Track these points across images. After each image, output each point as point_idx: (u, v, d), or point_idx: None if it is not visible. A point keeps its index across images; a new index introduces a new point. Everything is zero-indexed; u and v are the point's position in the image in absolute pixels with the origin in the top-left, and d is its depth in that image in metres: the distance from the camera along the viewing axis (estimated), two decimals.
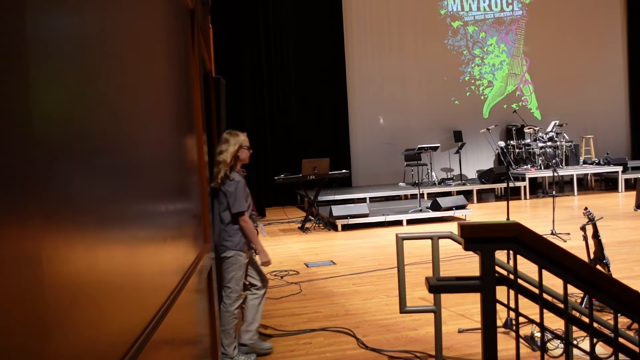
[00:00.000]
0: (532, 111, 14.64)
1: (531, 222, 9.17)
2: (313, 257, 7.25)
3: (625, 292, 2.14)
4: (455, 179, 13.03)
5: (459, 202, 9.40)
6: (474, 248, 2.13)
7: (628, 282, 5.26)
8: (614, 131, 15.07)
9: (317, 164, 9.35)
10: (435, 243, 3.30)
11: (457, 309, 4.83)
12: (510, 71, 14.59)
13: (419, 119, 13.60)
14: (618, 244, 7.05)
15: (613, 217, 8.99)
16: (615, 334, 2.14)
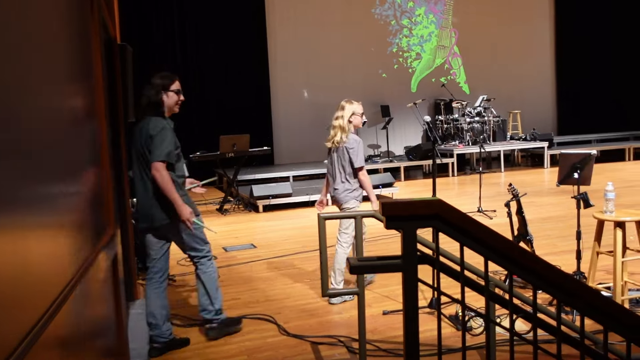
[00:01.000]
0: (460, 85, 15.13)
1: (458, 199, 9.54)
2: (232, 241, 7.21)
3: (545, 268, 2.27)
4: (382, 155, 13.29)
5: (385, 180, 9.61)
6: (395, 226, 2.18)
7: (551, 258, 5.62)
8: (540, 106, 15.86)
9: (237, 140, 9.25)
10: (359, 222, 3.35)
11: (381, 290, 4.96)
12: (439, 43, 14.97)
13: (345, 93, 13.68)
14: (542, 220, 7.47)
15: (538, 194, 9.50)
16: (534, 309, 2.27)
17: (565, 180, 4.42)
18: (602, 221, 4.11)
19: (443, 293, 2.34)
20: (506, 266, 2.25)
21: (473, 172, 12.58)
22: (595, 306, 2.25)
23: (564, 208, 7.91)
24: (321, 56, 13.57)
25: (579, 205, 4.34)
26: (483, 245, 2.23)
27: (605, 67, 15.99)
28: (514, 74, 15.34)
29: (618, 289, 3.91)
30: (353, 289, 3.39)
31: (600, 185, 4.34)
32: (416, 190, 10.62)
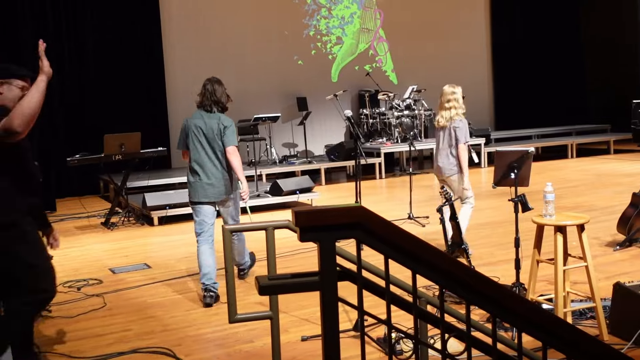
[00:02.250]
0: (387, 74, 15.48)
1: (387, 205, 9.76)
2: (121, 261, 7.06)
3: (478, 281, 2.37)
4: (299, 156, 13.38)
5: (303, 185, 9.69)
6: (311, 238, 2.20)
7: (489, 269, 5.87)
8: (476, 98, 16.44)
9: (125, 140, 9.05)
10: (271, 235, 3.37)
11: (300, 312, 5.00)
12: (362, 26, 15.25)
13: (255, 83, 13.71)
14: (479, 226, 7.77)
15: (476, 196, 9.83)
16: (467, 327, 2.37)
17: (502, 181, 4.63)
18: (541, 226, 4.34)
19: (367, 313, 2.39)
20: (436, 280, 2.33)
21: (403, 174, 12.90)
22: (533, 321, 2.37)
23: (503, 212, 8.25)
24: (225, 41, 13.50)
25: (516, 209, 4.55)
26: (410, 258, 2.29)
27: (546, 55, 16.84)
28: (446, 62, 15.84)
29: (560, 301, 4.13)
30: (265, 312, 3.40)
31: (541, 185, 4.57)
32: (339, 196, 10.77)
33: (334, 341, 2.23)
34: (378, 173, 12.66)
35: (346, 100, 14.44)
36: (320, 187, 11.60)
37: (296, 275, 2.36)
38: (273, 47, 13.98)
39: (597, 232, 7.11)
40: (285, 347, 4.34)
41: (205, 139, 5.50)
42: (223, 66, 13.43)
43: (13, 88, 3.77)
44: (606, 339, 4.13)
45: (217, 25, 13.46)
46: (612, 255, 6.24)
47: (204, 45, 13.30)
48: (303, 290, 2.31)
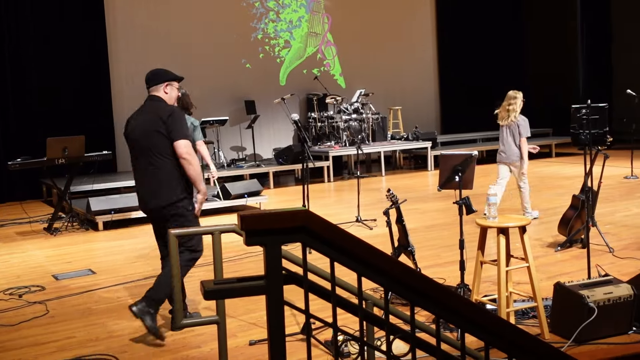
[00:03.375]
0: (335, 78, 15.57)
1: (335, 208, 9.81)
2: (64, 267, 6.92)
3: (422, 282, 2.41)
4: (248, 159, 13.34)
5: (251, 188, 9.66)
6: (256, 242, 2.21)
7: (435, 270, 5.95)
8: (423, 102, 16.71)
9: (68, 143, 8.87)
10: (217, 239, 3.35)
11: (248, 316, 4.98)
12: (310, 30, 15.30)
13: (203, 86, 13.60)
14: (426, 228, 7.88)
15: (421, 199, 10.00)
16: (412, 328, 2.40)
17: (447, 184, 4.71)
18: (485, 228, 4.42)
19: (313, 316, 2.40)
20: (381, 282, 2.36)
21: (351, 177, 12.98)
22: (476, 322, 2.42)
23: (449, 214, 8.38)
24: (172, 44, 13.36)
25: (461, 212, 4.63)
26: (355, 260, 2.31)
27: (490, 61, 17.18)
28: (393, 66, 16.03)
29: (503, 301, 4.22)
30: (211, 317, 3.37)
31: (485, 188, 4.65)
32: (287, 199, 10.77)
33: (279, 345, 2.23)
34: (326, 176, 12.71)
35: (294, 103, 14.46)
36: (268, 190, 11.59)
37: (242, 280, 2.35)
38: (221, 51, 13.90)
39: (539, 233, 7.29)
40: (233, 351, 4.32)
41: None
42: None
43: (174, 89, 4.78)
44: (547, 338, 4.24)
45: (164, 28, 13.31)
46: (554, 255, 6.40)
47: (151, 49, 13.13)
48: (248, 294, 2.30)
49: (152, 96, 4.73)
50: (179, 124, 4.55)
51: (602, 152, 6.39)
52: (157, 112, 4.57)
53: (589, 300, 4.09)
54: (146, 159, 4.60)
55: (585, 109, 5.24)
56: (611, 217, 8.00)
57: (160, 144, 4.53)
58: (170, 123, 4.50)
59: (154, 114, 4.57)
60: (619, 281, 4.40)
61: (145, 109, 4.74)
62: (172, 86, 4.74)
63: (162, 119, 4.50)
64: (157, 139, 4.53)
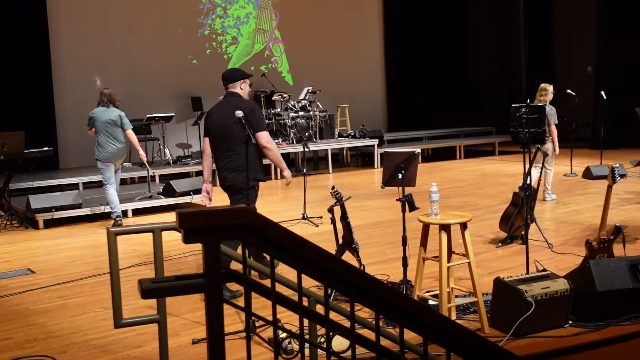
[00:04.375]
0: (283, 75, 15.55)
1: (282, 205, 9.81)
2: (3, 266, 6.75)
3: (362, 279, 2.43)
4: (194, 156, 13.19)
5: (198, 186, 9.55)
6: (195, 240, 2.18)
7: (379, 267, 6.01)
8: (370, 100, 16.83)
9: (7, 139, 8.67)
10: (158, 237, 3.30)
11: (192, 315, 4.94)
12: (258, 26, 15.24)
13: (148, 82, 13.41)
14: (371, 225, 7.94)
15: (367, 196, 10.08)
16: (351, 324, 2.42)
17: (390, 181, 4.75)
18: (427, 225, 4.49)
19: (253, 314, 2.39)
20: (321, 279, 2.36)
21: (298, 174, 12.98)
22: (414, 317, 2.45)
23: (392, 212, 8.47)
24: (117, 38, 13.13)
25: (404, 209, 4.69)
26: (295, 257, 2.32)
27: (436, 59, 17.43)
28: (341, 64, 16.10)
29: (444, 297, 4.29)
30: (152, 316, 3.32)
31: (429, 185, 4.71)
32: None
33: (218, 344, 2.22)
34: (274, 174, 12.68)
35: None
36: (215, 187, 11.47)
37: (180, 278, 2.33)
38: (166, 46, 13.71)
39: (481, 230, 7.43)
40: (175, 350, 4.28)
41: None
42: (115, 64, 13.07)
43: (247, 85, 5.54)
44: (487, 332, 4.33)
45: (109, 23, 13.06)
46: (495, 251, 6.53)
47: (95, 44, 12.87)
48: (187, 292, 2.28)
49: (231, 92, 5.51)
50: (258, 118, 5.38)
51: (542, 150, 6.55)
52: (238, 105, 5.19)
53: (527, 295, 4.19)
54: (226, 146, 5.43)
55: (525, 108, 5.37)
56: (551, 214, 8.21)
57: (238, 134, 5.21)
58: (252, 116, 5.16)
59: (233, 107, 5.11)
60: (556, 276, 4.52)
61: (225, 103, 5.48)
62: (246, 83, 5.53)
63: (244, 112, 4.93)
64: (236, 129, 5.17)
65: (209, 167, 5.71)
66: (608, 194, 5.21)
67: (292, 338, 3.95)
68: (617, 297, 4.41)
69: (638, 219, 7.69)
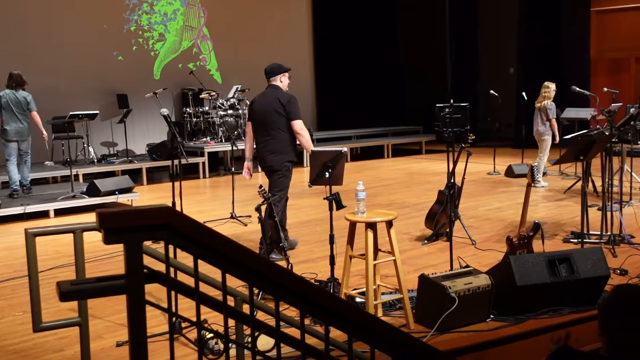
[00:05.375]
0: (211, 73, 15.39)
1: (210, 204, 9.72)
2: None
3: (286, 278, 2.43)
4: (120, 155, 12.92)
5: (123, 185, 9.37)
6: (116, 240, 2.14)
7: (307, 266, 6.03)
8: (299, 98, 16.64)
9: None
10: (79, 237, 3.23)
11: (115, 317, 4.84)
12: (185, 23, 15.04)
13: (72, 78, 13.03)
14: (300, 224, 7.96)
15: (296, 195, 10.07)
16: (276, 323, 2.42)
17: (317, 180, 4.78)
18: (353, 223, 4.53)
19: (176, 314, 2.36)
20: (246, 279, 2.36)
21: (227, 173, 12.89)
22: (339, 315, 2.47)
23: (320, 210, 8.51)
24: (39, 33, 12.70)
25: (331, 207, 4.72)
26: (219, 257, 2.30)
27: (366, 58, 17.61)
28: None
29: (370, 294, 4.34)
30: (73, 318, 3.24)
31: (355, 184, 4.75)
32: (161, 196, 10.53)
33: (140, 346, 2.18)
34: (202, 172, 12.55)
35: (168, 98, 14.16)
36: (141, 187, 11.28)
37: (101, 279, 2.28)
38: (91, 42, 13.35)
39: (408, 227, 7.56)
40: (99, 353, 4.19)
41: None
42: (37, 60, 12.63)
43: (286, 77, 6.45)
44: (412, 328, 4.40)
45: (31, 17, 12.62)
46: (421, 249, 6.66)
47: (17, 38, 12.42)
48: (108, 294, 2.23)
49: (272, 85, 6.37)
50: (295, 108, 6.22)
51: (465, 149, 6.71)
52: (277, 96, 6.20)
53: (451, 291, 4.29)
54: (266, 131, 6.23)
55: (448, 108, 5.49)
56: (474, 211, 8.42)
57: (277, 121, 6.16)
58: (288, 107, 6.16)
59: (273, 98, 6.19)
60: (478, 272, 4.65)
61: (267, 94, 6.33)
62: (285, 76, 6.42)
63: (282, 102, 6.13)
64: (275, 116, 6.16)
65: (251, 147, 6.56)
66: (527, 192, 5.38)
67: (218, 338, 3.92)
68: (536, 292, 4.57)
69: (557, 216, 7.98)
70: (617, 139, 7.26)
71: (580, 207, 6.18)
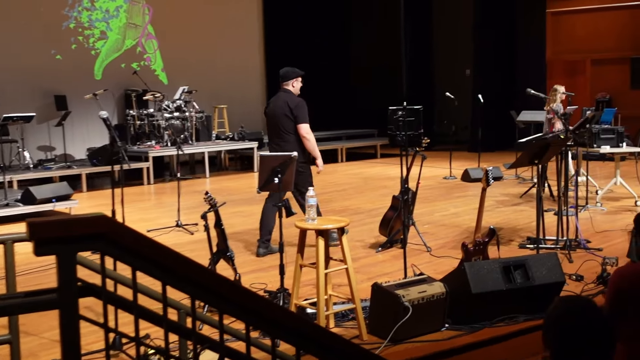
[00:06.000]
0: (157, 73, 15.23)
1: (155, 212, 9.61)
2: None
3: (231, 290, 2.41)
4: (57, 160, 12.66)
5: (61, 192, 9.19)
6: (48, 251, 2.09)
7: (257, 275, 6.01)
8: (249, 101, 16.79)
9: None
10: (9, 249, 3.14)
11: (52, 333, 4.73)
12: (129, 21, 14.86)
13: (5, 78, 12.72)
14: (250, 232, 7.92)
15: (246, 202, 10.04)
16: (220, 337, 2.40)
17: (266, 186, 4.77)
18: (304, 230, 4.53)
19: (114, 330, 2.32)
20: (188, 291, 2.33)
21: (173, 179, 12.75)
22: (286, 327, 2.46)
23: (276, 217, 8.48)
24: None
25: (280, 214, 4.71)
26: (160, 269, 2.27)
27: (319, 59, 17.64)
28: (219, 62, 15.97)
29: (321, 304, 4.34)
30: (3, 336, 3.15)
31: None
32: (101, 204, 10.32)
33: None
34: (146, 178, 12.39)
35: (110, 100, 13.96)
36: (80, 194, 11.08)
37: (31, 294, 2.22)
38: (26, 39, 13.06)
39: (362, 234, 7.60)
40: None
41: None
42: None
43: (299, 82, 6.95)
44: (365, 339, 4.42)
45: None
46: (375, 256, 6.70)
47: None
48: (38, 309, 2.18)
49: (284, 89, 6.86)
50: (301, 112, 6.67)
51: (420, 153, 6.78)
52: (286, 100, 6.70)
53: (404, 300, 4.32)
54: (278, 134, 6.73)
55: (401, 110, 5.54)
56: (430, 217, 8.52)
57: (287, 124, 6.64)
58: (296, 111, 6.63)
59: (283, 102, 6.70)
60: (432, 280, 4.70)
61: (279, 98, 6.86)
62: (298, 80, 6.93)
63: (290, 106, 6.62)
64: (284, 120, 6.64)
65: None
66: (482, 197, 5.47)
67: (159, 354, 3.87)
68: (491, 299, 4.64)
69: (513, 221, 8.13)
70: (573, 142, 7.44)
71: (536, 212, 6.31)
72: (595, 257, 6.20)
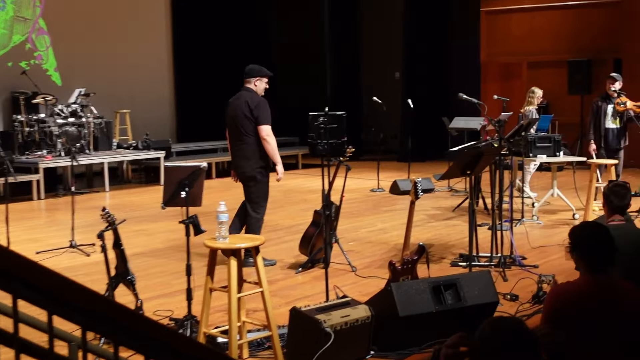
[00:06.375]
0: (49, 73, 14.89)
1: (46, 231, 9.38)
2: None
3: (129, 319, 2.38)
4: None
5: None
6: None
7: (163, 300, 5.93)
8: (155, 105, 16.60)
9: None
10: None
11: None
12: (17, 14, 14.52)
13: None
14: (155, 252, 7.84)
15: (150, 218, 9.91)
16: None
17: (172, 200, 4.72)
18: (214, 250, 4.50)
19: None
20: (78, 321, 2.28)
21: (67, 193, 12.45)
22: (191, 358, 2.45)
23: (179, 236, 8.33)
24: None
25: (188, 232, 4.67)
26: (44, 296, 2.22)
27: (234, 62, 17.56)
28: (121, 62, 15.74)
29: (234, 332, 4.32)
30: None
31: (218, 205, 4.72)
32: None
33: None
34: (36, 193, 12.05)
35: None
36: None
37: None
38: None
39: (280, 253, 7.61)
40: None
41: None
42: None
43: (263, 82, 7.01)
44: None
45: None
46: (295, 278, 6.71)
47: None
48: None
49: (246, 87, 6.97)
50: (262, 112, 6.80)
51: (344, 163, 6.85)
52: (246, 100, 6.80)
53: (325, 325, 4.35)
54: (238, 136, 6.87)
55: (323, 117, 5.59)
56: (355, 234, 8.61)
57: (246, 125, 6.78)
58: (256, 111, 6.75)
59: (243, 101, 6.81)
60: (357, 302, 4.74)
61: (238, 97, 6.98)
62: (261, 80, 6.98)
63: (250, 106, 6.73)
64: (244, 121, 6.78)
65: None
66: (411, 211, 5.57)
67: None
68: (420, 322, 4.72)
69: (444, 237, 8.30)
70: (507, 151, 7.67)
71: (468, 226, 6.46)
72: (531, 275, 6.40)
